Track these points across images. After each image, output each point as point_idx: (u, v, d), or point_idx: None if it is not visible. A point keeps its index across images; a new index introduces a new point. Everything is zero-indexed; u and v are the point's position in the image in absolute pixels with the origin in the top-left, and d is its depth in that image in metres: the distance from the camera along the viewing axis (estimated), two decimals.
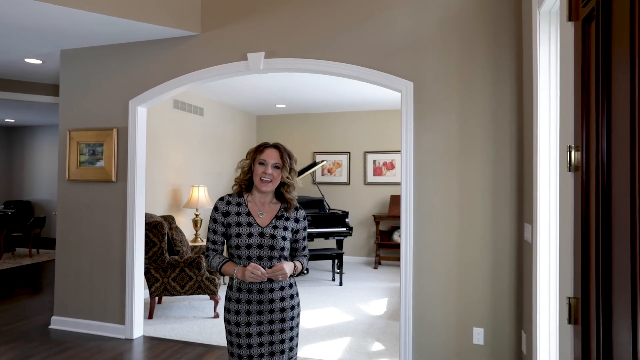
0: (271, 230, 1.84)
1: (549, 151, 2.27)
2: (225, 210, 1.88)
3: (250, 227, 1.83)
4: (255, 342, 1.81)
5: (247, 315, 1.82)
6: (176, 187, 5.70)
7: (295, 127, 7.60)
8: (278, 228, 1.85)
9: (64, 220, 4.00)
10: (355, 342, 3.74)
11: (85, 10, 3.04)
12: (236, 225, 1.84)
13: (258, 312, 1.82)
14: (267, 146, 1.88)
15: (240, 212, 1.87)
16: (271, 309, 1.83)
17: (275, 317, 1.83)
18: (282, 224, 1.87)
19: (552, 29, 2.22)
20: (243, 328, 1.82)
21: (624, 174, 1.01)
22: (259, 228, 1.83)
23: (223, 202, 1.90)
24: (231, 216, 1.86)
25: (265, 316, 1.82)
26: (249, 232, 1.82)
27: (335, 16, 3.26)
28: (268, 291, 1.82)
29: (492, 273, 2.93)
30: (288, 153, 1.88)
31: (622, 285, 1.02)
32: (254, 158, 1.87)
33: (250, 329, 1.82)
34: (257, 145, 1.91)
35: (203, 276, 4.26)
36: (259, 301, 1.82)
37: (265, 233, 1.83)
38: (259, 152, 1.87)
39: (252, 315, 1.82)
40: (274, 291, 1.83)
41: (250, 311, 1.82)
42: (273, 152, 1.85)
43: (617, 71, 1.07)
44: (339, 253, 5.82)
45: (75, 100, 3.98)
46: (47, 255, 7.64)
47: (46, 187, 9.48)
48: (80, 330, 3.88)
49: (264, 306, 1.82)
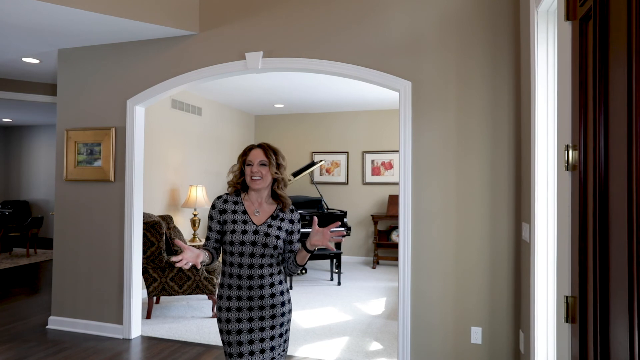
0: (265, 229, 1.88)
1: (547, 150, 2.27)
2: (222, 208, 1.93)
3: (246, 224, 1.88)
4: (245, 339, 1.84)
5: (237, 311, 1.85)
6: (174, 186, 5.69)
7: (293, 126, 7.60)
8: (272, 227, 1.90)
9: (61, 220, 3.99)
10: (354, 341, 3.74)
11: (83, 9, 3.03)
12: (232, 222, 1.89)
13: (248, 308, 1.85)
14: (252, 148, 1.95)
15: (237, 210, 1.92)
16: (261, 305, 1.85)
17: (266, 313, 1.86)
18: (276, 223, 1.92)
19: (549, 28, 2.23)
20: (233, 325, 1.85)
21: (622, 172, 1.01)
22: (253, 226, 1.88)
23: (220, 200, 1.95)
24: (228, 213, 1.91)
25: (256, 312, 1.85)
26: (243, 229, 1.87)
27: (334, 15, 3.26)
28: (258, 287, 1.85)
29: (490, 272, 2.94)
30: (273, 149, 1.94)
31: (619, 283, 1.02)
32: (243, 161, 1.95)
33: (241, 326, 1.84)
34: (244, 149, 1.98)
35: (201, 276, 4.25)
36: (249, 297, 1.85)
37: (259, 231, 1.87)
38: (245, 154, 1.95)
39: (243, 312, 1.85)
40: (264, 287, 1.86)
41: (241, 307, 1.85)
42: (258, 152, 1.92)
43: (614, 70, 1.07)
44: (337, 253, 5.82)
45: (73, 100, 3.97)
46: (45, 255, 7.62)
47: (44, 187, 9.45)
48: (77, 330, 3.87)
49: (254, 302, 1.85)
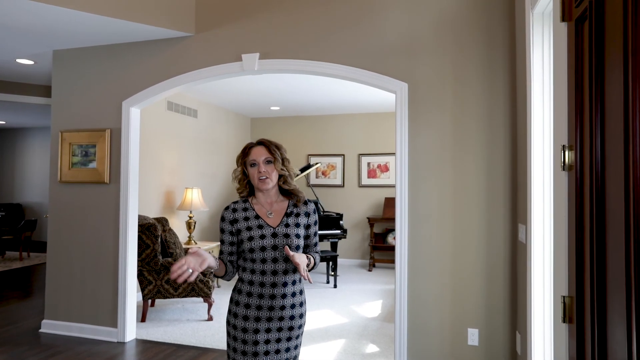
0: (284, 230, 1.77)
1: (543, 151, 2.28)
2: (233, 218, 1.81)
3: (262, 229, 1.76)
4: (261, 350, 1.74)
5: (255, 321, 1.74)
6: (170, 189, 5.66)
7: (289, 129, 7.59)
8: (290, 226, 1.79)
9: (55, 222, 3.95)
10: (350, 344, 3.72)
11: (78, 10, 3.01)
12: (247, 230, 1.77)
13: (267, 318, 1.74)
14: (252, 146, 1.83)
15: (249, 216, 1.80)
16: (281, 316, 1.75)
17: (284, 324, 1.76)
18: (293, 221, 1.81)
19: (545, 29, 2.24)
20: (250, 335, 1.73)
21: (618, 172, 1.02)
22: (270, 229, 1.77)
23: (229, 210, 1.83)
24: (240, 222, 1.79)
25: (275, 323, 1.75)
26: (261, 234, 1.75)
27: (330, 17, 3.26)
28: (280, 297, 1.74)
29: (486, 274, 2.94)
30: (275, 145, 1.83)
31: (616, 283, 1.02)
32: (244, 162, 1.83)
33: (258, 336, 1.73)
34: (243, 149, 1.85)
35: (197, 279, 4.23)
36: (270, 307, 1.74)
37: (278, 233, 1.76)
38: (246, 154, 1.82)
39: (261, 322, 1.74)
40: (286, 297, 1.76)
41: (260, 317, 1.74)
42: (260, 149, 1.80)
43: (610, 70, 1.08)
44: (333, 255, 5.81)
45: (68, 101, 3.95)
46: (38, 258, 7.55)
47: (37, 189, 9.38)
48: (71, 333, 3.83)
49: (274, 313, 1.74)
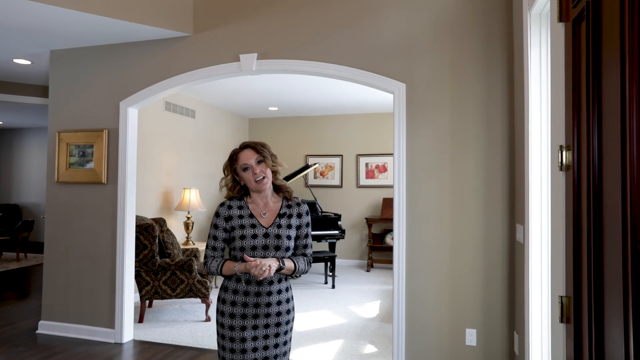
0: (275, 230, 1.81)
1: (541, 151, 2.28)
2: (228, 215, 1.84)
3: (254, 228, 1.80)
4: (249, 347, 1.77)
5: (242, 319, 1.78)
6: (168, 189, 5.65)
7: (287, 129, 7.59)
8: (282, 227, 1.83)
9: (52, 222, 3.94)
10: (348, 344, 3.72)
11: (75, 9, 3.00)
12: (240, 228, 1.80)
13: (254, 315, 1.78)
14: (238, 152, 1.86)
15: (243, 214, 1.84)
16: (267, 313, 1.79)
17: (271, 321, 1.80)
18: (285, 222, 1.85)
19: (542, 30, 2.25)
20: (237, 332, 1.77)
21: (615, 172, 1.02)
22: (263, 229, 1.81)
23: (224, 207, 1.86)
24: (234, 220, 1.83)
25: (261, 320, 1.79)
26: (253, 233, 1.79)
27: (328, 17, 3.26)
28: (266, 294, 1.78)
29: (484, 274, 2.94)
30: (260, 144, 1.87)
31: (613, 283, 1.02)
32: (234, 169, 1.85)
33: (245, 334, 1.77)
34: (230, 156, 1.87)
35: (194, 279, 4.22)
36: (256, 304, 1.78)
37: (269, 233, 1.80)
38: (235, 160, 1.85)
39: (248, 319, 1.78)
40: (272, 294, 1.79)
41: (246, 314, 1.78)
42: (248, 153, 1.83)
43: (607, 71, 1.08)
44: (331, 256, 5.81)
45: (65, 101, 3.93)
46: (35, 259, 7.53)
47: (34, 190, 9.35)
48: (68, 334, 3.82)
49: (260, 310, 1.79)
